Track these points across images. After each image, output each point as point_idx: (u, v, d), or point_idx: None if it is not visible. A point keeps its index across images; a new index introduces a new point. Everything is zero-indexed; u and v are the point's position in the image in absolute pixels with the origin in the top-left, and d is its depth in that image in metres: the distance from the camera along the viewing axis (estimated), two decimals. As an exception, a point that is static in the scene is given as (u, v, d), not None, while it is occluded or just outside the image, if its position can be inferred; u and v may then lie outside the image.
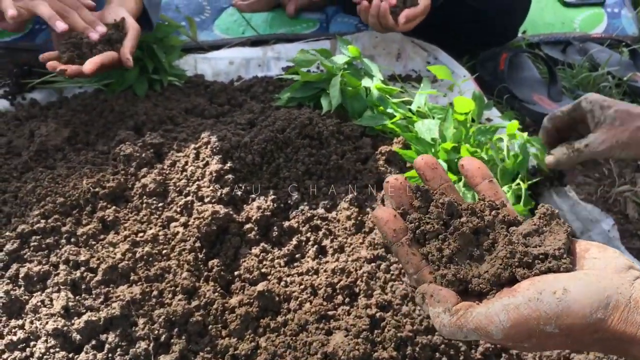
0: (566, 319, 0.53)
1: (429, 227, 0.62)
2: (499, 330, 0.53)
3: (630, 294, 0.54)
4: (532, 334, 0.53)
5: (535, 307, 0.53)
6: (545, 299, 0.53)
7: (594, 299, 0.53)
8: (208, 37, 1.88)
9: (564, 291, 0.53)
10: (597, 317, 0.53)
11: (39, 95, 1.53)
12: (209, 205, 1.07)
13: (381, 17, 1.50)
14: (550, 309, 0.53)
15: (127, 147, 1.19)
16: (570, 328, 0.53)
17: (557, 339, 0.54)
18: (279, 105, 1.33)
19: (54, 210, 1.09)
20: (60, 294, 0.98)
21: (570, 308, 0.53)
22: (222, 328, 0.95)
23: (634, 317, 0.53)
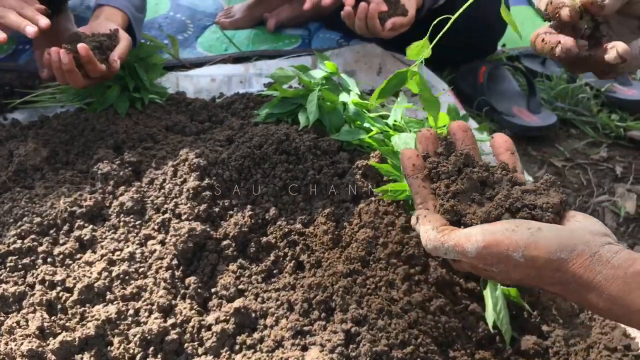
0: (533, 250, 0.60)
1: (444, 169, 0.70)
2: (473, 249, 0.61)
3: (597, 250, 0.60)
4: (501, 259, 0.61)
5: (509, 235, 0.61)
6: (520, 231, 0.61)
7: (562, 242, 0.60)
8: (191, 54, 1.90)
9: (537, 229, 0.61)
10: (560, 257, 0.60)
11: (21, 115, 1.54)
12: (186, 223, 1.07)
13: (369, 19, 1.50)
14: (521, 239, 0.60)
15: (105, 166, 1.19)
16: (534, 260, 0.60)
17: (522, 269, 0.61)
18: (258, 122, 1.33)
19: (30, 230, 1.09)
20: (36, 315, 0.97)
21: (538, 242, 0.60)
22: (198, 346, 0.95)
23: (594, 266, 0.60)
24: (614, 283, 0.59)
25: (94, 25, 1.43)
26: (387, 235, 1.06)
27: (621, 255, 0.60)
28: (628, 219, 1.36)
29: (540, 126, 1.58)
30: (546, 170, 1.49)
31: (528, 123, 1.59)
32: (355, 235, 1.07)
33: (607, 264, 0.60)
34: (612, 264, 0.60)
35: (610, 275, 0.59)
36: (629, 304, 0.59)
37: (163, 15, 2.05)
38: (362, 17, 1.50)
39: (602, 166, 1.51)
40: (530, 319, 1.08)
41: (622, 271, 0.59)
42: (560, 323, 1.09)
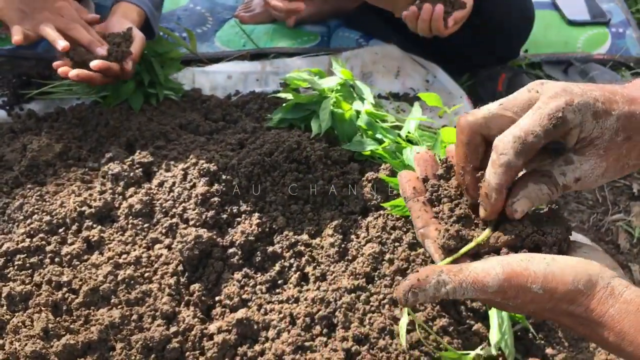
0: (551, 281, 0.58)
1: (446, 192, 0.68)
2: (494, 283, 0.58)
3: (609, 282, 0.59)
4: (519, 292, 0.58)
5: (526, 266, 0.58)
6: (535, 261, 0.59)
7: (578, 273, 0.58)
8: (209, 48, 1.89)
9: (552, 260, 0.59)
10: (578, 288, 0.58)
11: (37, 106, 1.55)
12: (192, 229, 1.07)
13: (434, 20, 1.48)
14: (539, 270, 0.58)
15: (116, 166, 1.20)
16: (553, 291, 0.58)
17: (539, 302, 0.59)
18: (270, 126, 1.33)
19: (39, 229, 1.10)
20: (41, 315, 0.98)
21: (555, 273, 0.58)
22: (199, 355, 0.95)
23: (607, 300, 0.58)
24: (626, 318, 0.58)
25: (109, 24, 1.44)
26: (394, 251, 1.06)
27: (632, 290, 0.59)
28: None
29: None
30: (561, 184, 1.46)
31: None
32: (362, 250, 1.07)
33: (619, 297, 0.58)
34: (624, 298, 0.58)
35: (623, 310, 0.58)
36: (639, 340, 0.57)
37: (182, 7, 2.04)
38: (427, 19, 1.49)
39: (619, 183, 1.48)
40: (534, 341, 1.07)
41: (634, 306, 0.58)
42: (566, 346, 1.07)
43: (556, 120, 0.58)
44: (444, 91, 1.68)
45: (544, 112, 0.59)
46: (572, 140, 0.61)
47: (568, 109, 0.58)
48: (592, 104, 0.60)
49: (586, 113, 0.59)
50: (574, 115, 0.59)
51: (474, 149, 0.63)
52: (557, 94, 0.59)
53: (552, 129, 0.59)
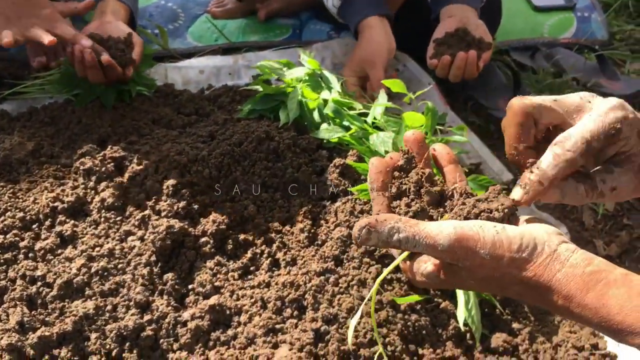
0: (498, 249, 0.60)
1: (405, 187, 0.70)
2: (445, 241, 0.60)
3: (555, 248, 0.61)
4: (468, 254, 0.61)
5: (477, 231, 0.61)
6: (486, 228, 0.62)
7: (525, 241, 0.61)
8: (181, 44, 1.90)
9: (502, 228, 0.62)
10: (523, 256, 0.61)
11: (10, 106, 1.55)
12: (164, 220, 1.09)
13: (469, 66, 1.47)
14: (489, 237, 0.61)
15: (87, 161, 1.21)
16: (499, 258, 0.61)
17: (487, 269, 0.62)
18: (241, 117, 1.35)
19: (13, 225, 1.11)
20: (16, 309, 1.00)
21: (502, 241, 0.61)
22: (173, 342, 0.97)
23: (553, 265, 0.61)
24: (572, 281, 0.60)
25: (103, 24, 1.48)
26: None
27: (578, 254, 0.62)
28: (606, 217, 1.37)
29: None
30: (529, 166, 1.49)
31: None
32: (331, 234, 1.09)
33: (564, 262, 0.61)
34: (570, 263, 0.61)
35: (569, 274, 0.60)
36: (585, 302, 0.60)
37: (154, 4, 2.06)
38: (462, 66, 1.48)
39: (584, 162, 1.51)
40: (502, 317, 1.10)
41: (580, 270, 0.61)
42: (532, 320, 1.11)
43: (614, 131, 0.64)
44: (414, 79, 1.70)
45: (605, 121, 0.64)
46: (613, 151, 0.66)
47: (625, 122, 0.64)
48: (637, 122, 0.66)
49: (634, 130, 0.65)
50: (627, 129, 0.65)
51: (527, 130, 0.67)
52: (615, 107, 0.65)
53: (610, 137, 0.64)
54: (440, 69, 1.51)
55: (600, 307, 0.59)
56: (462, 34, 1.50)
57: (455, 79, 1.51)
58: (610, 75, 1.75)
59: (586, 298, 0.60)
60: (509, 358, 1.03)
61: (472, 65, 1.47)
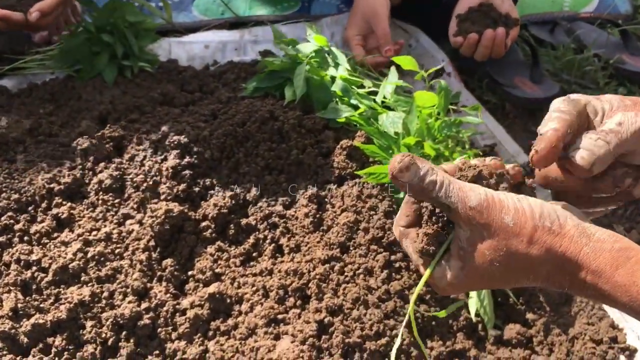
0: (522, 216, 0.59)
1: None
2: (475, 198, 0.59)
3: (580, 222, 0.59)
4: (493, 218, 0.59)
5: (501, 198, 0.60)
6: (509, 197, 0.61)
7: (546, 211, 0.60)
8: (186, 18, 1.84)
9: (523, 197, 0.61)
10: (545, 224, 0.59)
11: (10, 82, 1.51)
12: (163, 203, 1.05)
13: (497, 46, 1.41)
14: (511, 204, 0.60)
15: (85, 141, 1.16)
16: (522, 225, 0.59)
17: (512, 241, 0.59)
18: (245, 96, 1.29)
19: (8, 207, 1.07)
20: (10, 295, 0.96)
21: (524, 209, 0.59)
22: (172, 331, 0.94)
23: (580, 239, 0.58)
24: (601, 256, 0.58)
25: None
26: (369, 220, 1.03)
27: (603, 231, 0.59)
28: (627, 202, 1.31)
29: (541, 98, 1.51)
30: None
31: (529, 95, 1.52)
32: (337, 219, 1.04)
33: (591, 237, 0.58)
34: (597, 238, 0.58)
35: (598, 248, 0.58)
36: (615, 279, 0.57)
37: (159, -24, 1.98)
38: (489, 45, 1.41)
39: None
40: (515, 307, 1.05)
41: (609, 245, 0.58)
42: (547, 311, 1.06)
43: None
44: (426, 55, 1.63)
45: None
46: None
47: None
48: None
49: None
50: None
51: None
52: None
53: None
54: (466, 47, 1.44)
55: (630, 284, 0.56)
56: (487, 10, 1.42)
57: (482, 58, 1.45)
58: (634, 51, 1.67)
59: (616, 274, 0.57)
60: (522, 350, 0.99)
61: (500, 44, 1.40)
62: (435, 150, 1.04)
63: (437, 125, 1.09)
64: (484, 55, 1.43)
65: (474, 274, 0.61)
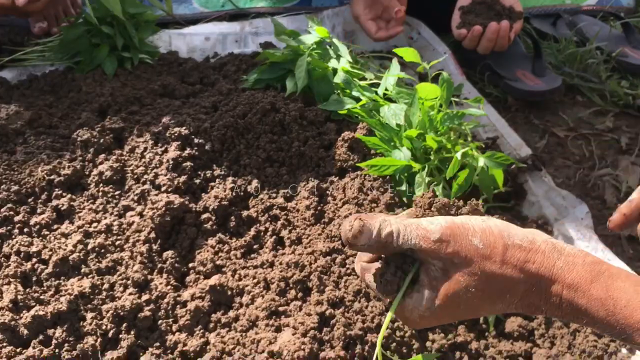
0: (489, 235, 0.59)
1: None
2: (437, 229, 0.58)
3: (547, 238, 0.60)
4: (462, 243, 0.58)
5: (466, 221, 0.60)
6: (472, 219, 0.61)
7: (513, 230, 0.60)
8: (186, 10, 1.83)
9: (487, 218, 0.61)
10: (515, 242, 0.59)
11: (10, 73, 1.50)
12: (164, 195, 1.04)
13: (501, 39, 1.40)
14: (477, 225, 0.60)
15: (85, 133, 1.16)
16: (493, 246, 0.58)
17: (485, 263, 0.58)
18: (246, 88, 1.28)
19: (7, 198, 1.07)
20: (10, 287, 0.96)
21: (491, 228, 0.59)
22: (172, 323, 0.93)
23: (551, 254, 0.59)
24: (574, 270, 0.58)
25: None
26: (371, 212, 1.03)
27: (572, 247, 0.60)
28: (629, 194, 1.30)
29: (543, 90, 1.50)
30: (548, 140, 1.42)
31: (531, 87, 1.51)
32: (338, 212, 1.04)
33: (562, 251, 0.59)
34: (567, 252, 0.59)
35: (570, 262, 0.58)
36: (591, 293, 0.57)
37: (159, -33, 1.97)
38: (494, 38, 1.40)
39: (606, 137, 1.44)
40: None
41: (580, 259, 0.59)
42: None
43: None
44: (428, 48, 1.63)
45: None
46: None
47: None
48: None
49: None
50: None
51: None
52: None
53: None
54: (469, 40, 1.43)
55: (606, 298, 0.57)
56: (491, 2, 1.41)
57: (485, 51, 1.44)
58: (636, 44, 1.67)
59: (592, 288, 0.57)
60: (524, 343, 0.98)
61: (504, 38, 1.40)
62: (437, 142, 1.04)
63: (439, 117, 1.09)
64: (487, 49, 1.42)
65: (449, 303, 0.60)
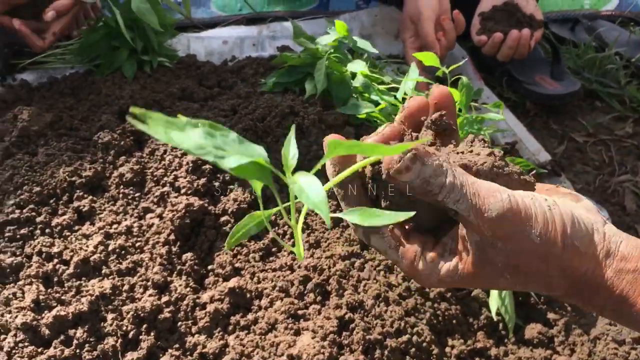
0: (551, 231, 0.50)
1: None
2: (497, 207, 0.49)
3: (603, 234, 0.53)
4: (517, 232, 0.50)
5: (530, 205, 0.50)
6: (537, 203, 0.51)
7: (577, 223, 0.51)
8: (204, 14, 1.85)
9: (553, 204, 0.51)
10: (575, 244, 0.51)
11: (30, 76, 1.52)
12: (183, 197, 1.05)
13: (522, 47, 1.41)
14: (540, 213, 0.50)
15: (106, 135, 1.17)
16: (551, 244, 0.50)
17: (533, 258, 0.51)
18: (264, 91, 1.29)
19: (30, 199, 1.08)
20: (32, 287, 0.97)
21: (555, 221, 0.50)
22: (192, 325, 0.94)
23: (605, 259, 0.52)
24: (624, 279, 0.51)
25: None
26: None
27: (627, 241, 0.53)
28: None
29: (563, 94, 1.49)
30: (566, 145, 1.42)
31: (551, 91, 1.50)
32: (357, 215, 1.04)
33: (615, 255, 0.52)
34: (620, 255, 0.52)
35: (621, 269, 0.51)
36: (638, 305, 0.51)
37: (178, -28, 1.99)
38: (514, 46, 1.41)
39: (626, 142, 1.43)
40: (537, 306, 1.04)
41: (633, 264, 0.51)
42: (568, 311, 1.05)
43: None
44: (446, 52, 1.62)
45: None
46: None
47: None
48: None
49: None
50: None
51: None
52: None
53: None
54: (490, 46, 1.43)
55: None
56: (512, 9, 1.41)
57: (505, 58, 1.44)
58: (657, 50, 1.66)
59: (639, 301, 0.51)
60: (543, 350, 0.98)
61: (525, 46, 1.40)
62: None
63: (459, 122, 1.09)
64: (507, 56, 1.42)
65: (475, 278, 0.53)
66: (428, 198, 0.51)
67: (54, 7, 1.39)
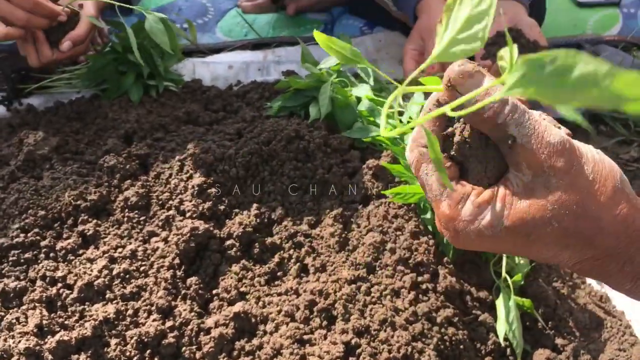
0: (602, 170, 0.51)
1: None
2: (557, 134, 0.50)
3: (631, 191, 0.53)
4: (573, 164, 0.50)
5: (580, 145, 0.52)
6: (587, 147, 0.53)
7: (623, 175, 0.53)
8: (210, 39, 1.86)
9: (599, 151, 0.53)
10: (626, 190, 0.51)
11: (37, 100, 1.53)
12: (189, 221, 1.05)
13: None
14: (589, 153, 0.51)
15: (111, 159, 1.17)
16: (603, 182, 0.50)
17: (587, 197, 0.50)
18: (270, 115, 1.29)
19: (34, 223, 1.08)
20: (35, 312, 0.96)
21: (604, 163, 0.51)
22: (196, 350, 0.93)
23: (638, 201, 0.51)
24: None
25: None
26: (396, 241, 1.02)
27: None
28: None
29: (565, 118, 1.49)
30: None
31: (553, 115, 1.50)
32: (363, 239, 1.03)
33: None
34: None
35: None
36: None
37: (183, -2, 2.02)
38: None
39: (631, 166, 1.43)
40: (544, 331, 1.03)
41: None
42: (577, 336, 1.03)
43: None
44: (449, 77, 1.63)
45: None
46: None
47: None
48: None
49: None
50: None
51: None
52: None
53: None
54: (493, 71, 1.43)
55: None
56: (516, 35, 1.42)
57: None
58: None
59: None
60: (552, 376, 0.96)
61: None
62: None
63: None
64: None
65: (520, 229, 0.50)
66: (485, 124, 0.50)
67: (70, 37, 1.40)
